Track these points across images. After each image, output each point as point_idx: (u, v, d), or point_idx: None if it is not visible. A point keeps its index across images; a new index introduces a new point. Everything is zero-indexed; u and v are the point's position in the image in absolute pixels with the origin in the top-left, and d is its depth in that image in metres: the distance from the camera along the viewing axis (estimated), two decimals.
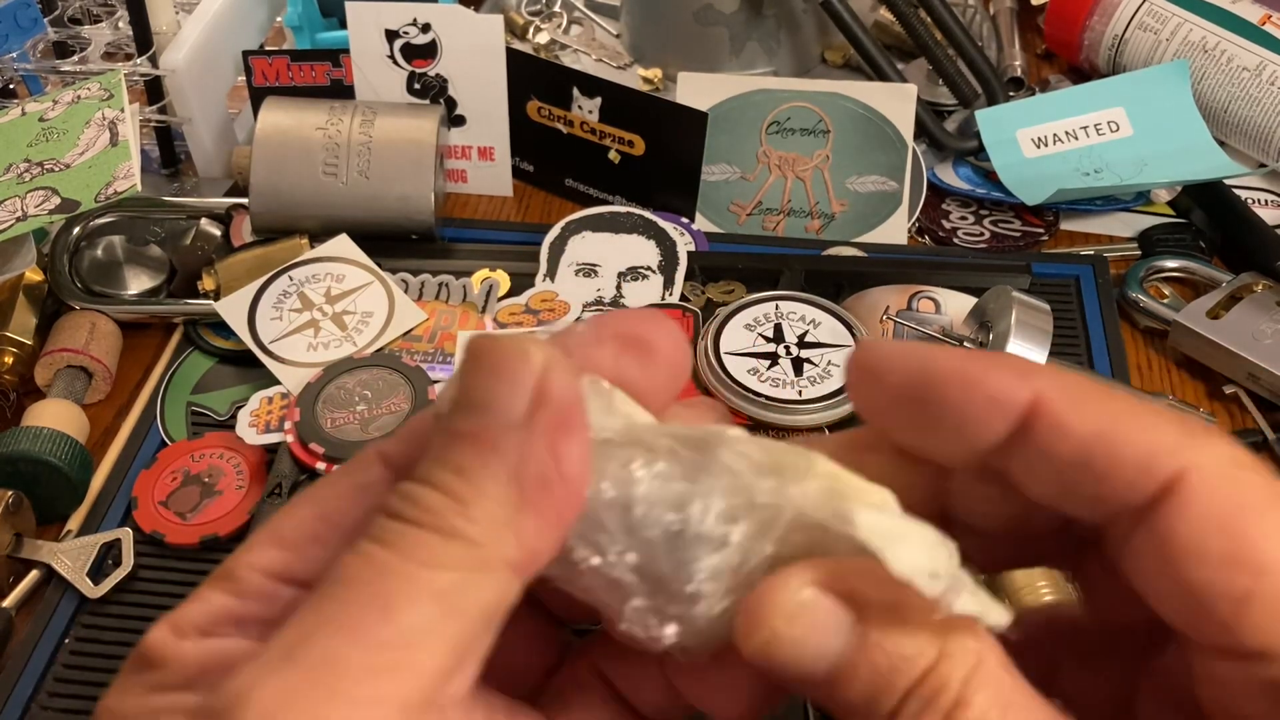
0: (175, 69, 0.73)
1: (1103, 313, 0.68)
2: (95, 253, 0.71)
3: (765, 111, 0.74)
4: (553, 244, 0.71)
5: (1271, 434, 0.61)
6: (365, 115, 0.72)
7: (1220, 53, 0.77)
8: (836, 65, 0.88)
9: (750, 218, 0.75)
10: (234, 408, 0.64)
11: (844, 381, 0.25)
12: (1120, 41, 0.82)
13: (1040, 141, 0.77)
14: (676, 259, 0.70)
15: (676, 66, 0.80)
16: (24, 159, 0.66)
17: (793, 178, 0.75)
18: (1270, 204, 0.76)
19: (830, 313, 0.65)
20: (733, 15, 0.83)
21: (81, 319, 0.66)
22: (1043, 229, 0.74)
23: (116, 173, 0.63)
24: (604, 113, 0.75)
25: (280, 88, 0.76)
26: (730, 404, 0.60)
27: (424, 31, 0.74)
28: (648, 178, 0.75)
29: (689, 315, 0.66)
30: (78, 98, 0.70)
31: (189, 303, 0.69)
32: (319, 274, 0.68)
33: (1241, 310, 0.64)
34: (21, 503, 0.57)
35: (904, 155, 0.74)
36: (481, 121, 0.77)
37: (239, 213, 0.73)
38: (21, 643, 0.54)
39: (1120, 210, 0.76)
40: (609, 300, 0.68)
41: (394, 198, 0.70)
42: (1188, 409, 0.59)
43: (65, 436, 0.59)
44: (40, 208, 0.62)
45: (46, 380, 0.64)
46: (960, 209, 0.76)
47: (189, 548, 0.57)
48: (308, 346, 0.65)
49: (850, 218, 0.74)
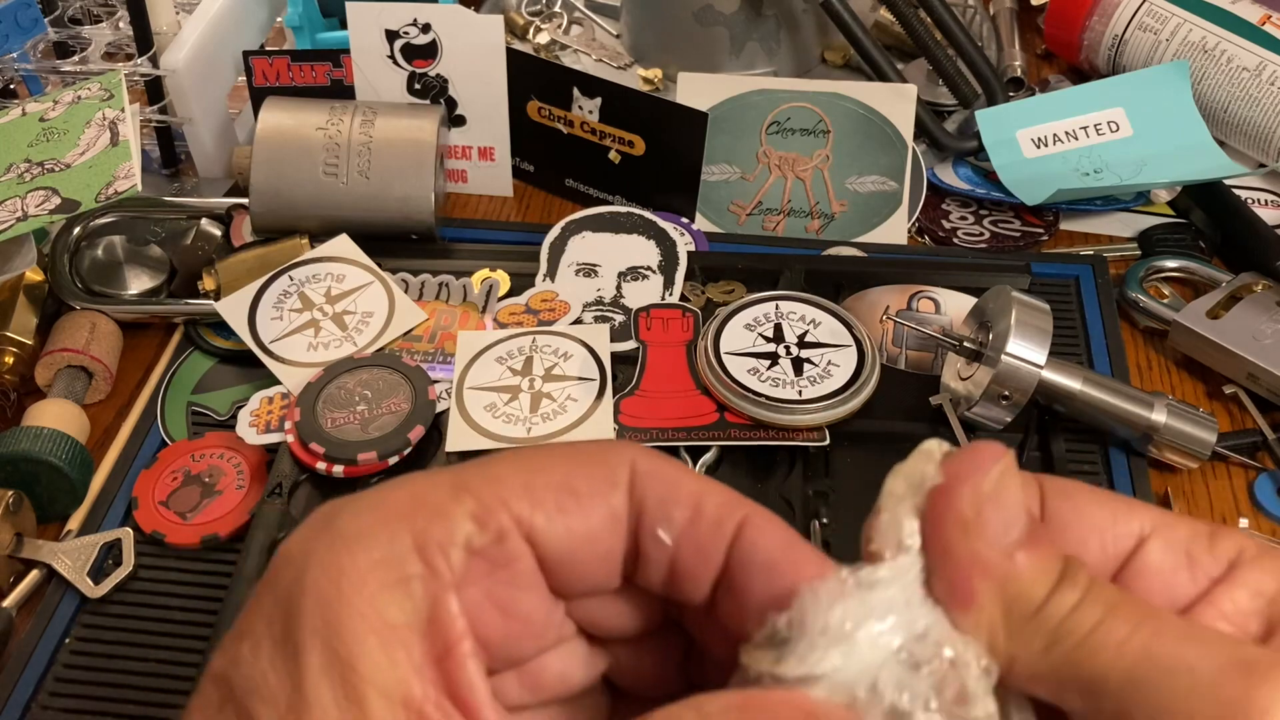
0: (175, 69, 0.73)
1: (1103, 313, 0.68)
2: (95, 253, 0.71)
3: (765, 111, 0.74)
4: (553, 244, 0.71)
5: (1271, 434, 0.61)
6: (365, 115, 0.72)
7: (1220, 53, 0.77)
8: (836, 65, 0.88)
9: (750, 218, 0.75)
10: (234, 408, 0.64)
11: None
12: (1120, 42, 0.82)
13: (1040, 141, 0.77)
14: (676, 259, 0.70)
15: (676, 66, 0.80)
16: (24, 159, 0.66)
17: (793, 178, 0.75)
18: (1270, 204, 0.76)
19: (830, 313, 0.65)
20: (733, 15, 0.83)
21: (82, 319, 0.66)
22: (1043, 229, 0.74)
23: (117, 173, 0.63)
24: (604, 113, 0.75)
25: (280, 88, 0.76)
26: (730, 404, 0.60)
27: (424, 32, 0.74)
28: (648, 178, 0.75)
29: (689, 315, 0.66)
30: (78, 98, 0.70)
31: (189, 303, 0.69)
32: (319, 274, 0.68)
33: (1241, 310, 0.64)
34: (22, 503, 0.57)
35: (904, 155, 0.74)
36: (482, 121, 0.77)
37: (239, 213, 0.73)
38: (21, 643, 0.54)
39: (1120, 210, 0.76)
40: (609, 300, 0.68)
41: (394, 198, 0.70)
42: (1188, 408, 0.59)
43: (65, 436, 0.59)
44: (41, 208, 0.62)
45: (47, 380, 0.64)
46: (960, 209, 0.76)
47: (189, 548, 0.57)
48: (308, 346, 0.65)
49: (850, 218, 0.74)
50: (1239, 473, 0.60)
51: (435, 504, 0.24)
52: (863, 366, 0.61)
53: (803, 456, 0.60)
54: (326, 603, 0.22)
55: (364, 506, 0.24)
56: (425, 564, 0.23)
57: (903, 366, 0.65)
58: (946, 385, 0.62)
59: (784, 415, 0.59)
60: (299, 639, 0.22)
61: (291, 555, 0.23)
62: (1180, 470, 0.60)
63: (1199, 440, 0.58)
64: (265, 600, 0.23)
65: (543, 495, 0.24)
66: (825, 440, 0.59)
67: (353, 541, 0.23)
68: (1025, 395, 0.57)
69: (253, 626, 0.23)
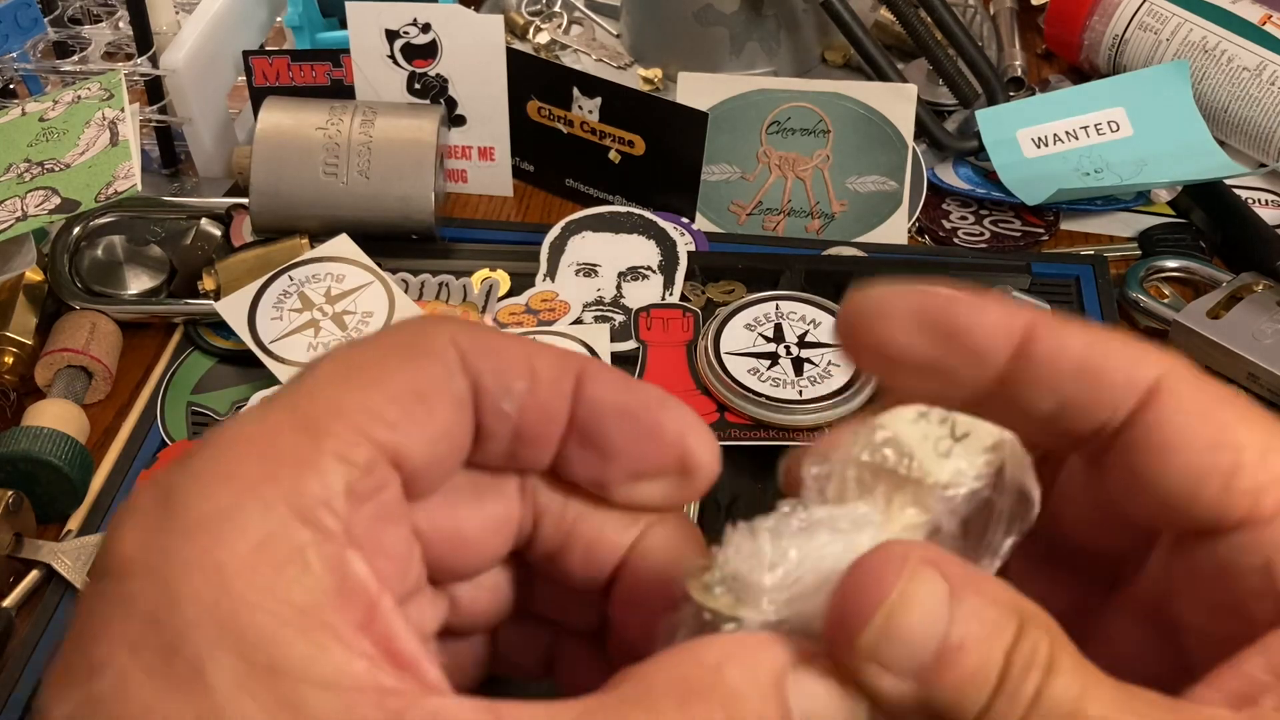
0: (175, 69, 0.73)
1: (1103, 313, 0.68)
2: (95, 253, 0.71)
3: (765, 111, 0.74)
4: (553, 244, 0.71)
5: None
6: (365, 115, 0.72)
7: (1220, 53, 0.77)
8: (836, 65, 0.88)
9: (750, 218, 0.75)
10: (234, 408, 0.64)
11: (837, 337, 0.25)
12: (1120, 41, 0.82)
13: (1040, 141, 0.77)
14: (677, 259, 0.70)
15: (676, 66, 0.80)
16: (24, 159, 0.66)
17: (793, 178, 0.75)
18: (1270, 204, 0.76)
19: (830, 313, 0.65)
20: (733, 15, 0.83)
21: (81, 319, 0.66)
22: (1043, 229, 0.74)
23: (116, 173, 0.63)
24: (604, 113, 0.75)
25: (280, 88, 0.76)
26: (730, 404, 0.60)
27: (424, 31, 0.74)
28: (648, 178, 0.75)
29: (689, 315, 0.66)
30: (78, 98, 0.70)
31: (189, 303, 0.69)
32: (319, 274, 0.68)
33: (1241, 310, 0.64)
34: (21, 503, 0.57)
35: (904, 155, 0.74)
36: (482, 121, 0.77)
37: (239, 213, 0.73)
38: (21, 643, 0.54)
39: (1120, 210, 0.76)
40: (609, 300, 0.68)
41: (394, 198, 0.70)
42: None
43: (65, 436, 0.59)
44: (40, 208, 0.62)
45: (46, 380, 0.64)
46: (960, 209, 0.76)
47: None
48: (308, 346, 0.65)
49: (850, 218, 0.74)
50: None
51: (295, 456, 0.20)
52: None
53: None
54: (215, 608, 0.19)
55: (208, 480, 0.20)
56: (312, 528, 0.20)
57: None
58: None
59: (784, 415, 0.59)
60: (194, 658, 0.18)
61: (137, 562, 0.20)
62: None
63: None
64: (117, 622, 0.19)
65: (394, 412, 0.22)
66: None
67: (216, 528, 0.19)
68: None
69: (108, 657, 0.19)
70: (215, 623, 0.19)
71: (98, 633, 0.19)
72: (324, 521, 0.20)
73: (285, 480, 0.20)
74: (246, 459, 0.20)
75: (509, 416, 0.24)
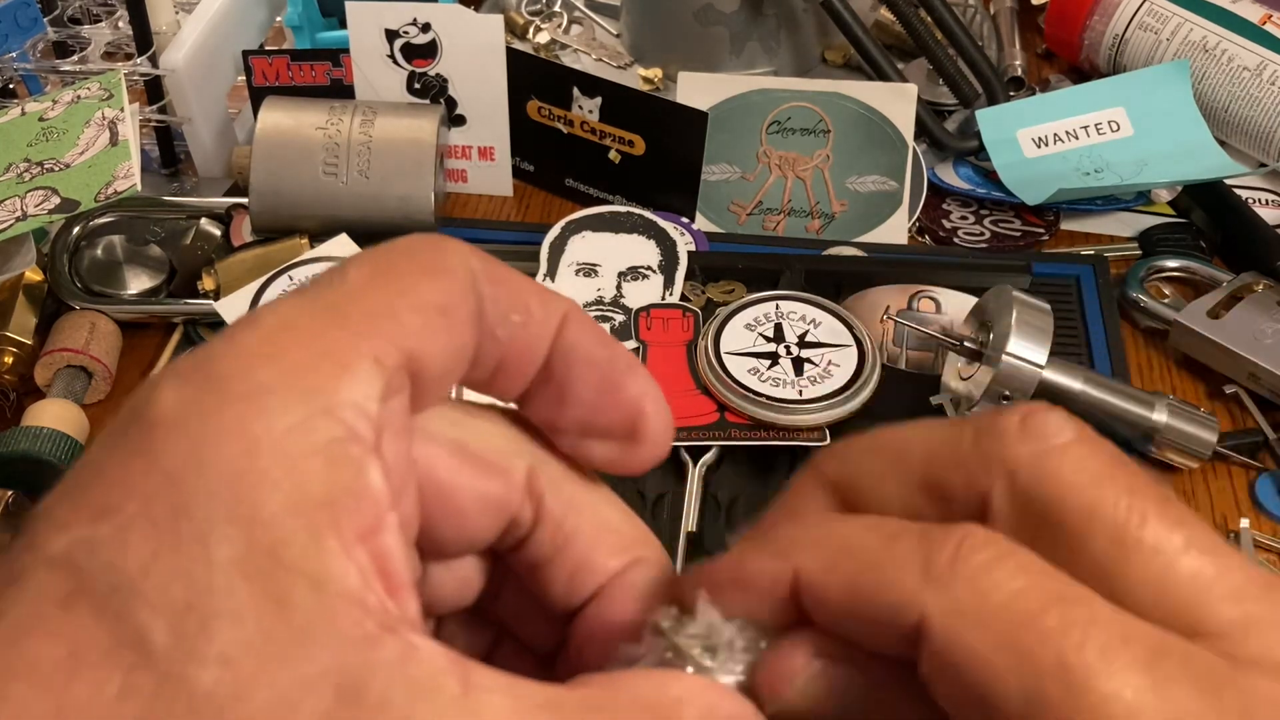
0: (175, 69, 0.73)
1: (1103, 312, 0.68)
2: (95, 253, 0.71)
3: (765, 111, 0.74)
4: (553, 244, 0.71)
5: (1272, 434, 0.61)
6: (365, 115, 0.72)
7: (1221, 52, 0.77)
8: (836, 65, 0.88)
9: (750, 218, 0.75)
10: None
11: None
12: (1120, 41, 0.82)
13: (1040, 141, 0.77)
14: (677, 259, 0.70)
15: (676, 66, 0.80)
16: (24, 159, 0.66)
17: (793, 177, 0.75)
18: (1271, 204, 0.76)
19: (830, 313, 0.64)
20: (733, 15, 0.83)
21: (81, 319, 0.66)
22: (1043, 229, 0.74)
23: (116, 172, 0.63)
24: (604, 112, 0.75)
25: (280, 87, 0.76)
26: (731, 403, 0.60)
27: (424, 31, 0.74)
28: (648, 177, 0.75)
29: (689, 315, 0.66)
30: (78, 97, 0.70)
31: (189, 303, 0.69)
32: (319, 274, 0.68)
33: (1242, 310, 0.64)
34: (22, 503, 0.57)
35: (904, 155, 0.74)
36: (481, 121, 0.77)
37: (239, 212, 0.73)
38: None
39: (1120, 210, 0.76)
40: (609, 300, 0.68)
41: (394, 198, 0.70)
42: (1189, 408, 0.59)
43: (65, 437, 0.59)
44: (40, 207, 0.62)
45: (46, 380, 0.64)
46: (960, 209, 0.76)
47: None
48: None
49: (850, 218, 0.74)
50: (1240, 473, 0.60)
51: (338, 352, 0.20)
52: (863, 366, 0.61)
53: (803, 456, 0.59)
54: (238, 480, 0.18)
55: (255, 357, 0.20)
56: (344, 426, 0.19)
57: (903, 366, 0.65)
58: (947, 385, 0.62)
59: (784, 415, 0.59)
60: (203, 525, 0.18)
61: (170, 419, 0.19)
62: (1181, 470, 0.60)
63: (1200, 440, 0.58)
64: (137, 472, 0.19)
65: (418, 322, 0.21)
66: (826, 440, 0.59)
67: (258, 401, 0.19)
68: (1026, 395, 0.57)
69: (118, 504, 0.18)
70: (233, 494, 0.18)
71: (113, 478, 0.19)
72: (356, 423, 0.20)
73: (326, 373, 0.20)
74: (292, 346, 0.20)
75: (500, 345, 0.24)
